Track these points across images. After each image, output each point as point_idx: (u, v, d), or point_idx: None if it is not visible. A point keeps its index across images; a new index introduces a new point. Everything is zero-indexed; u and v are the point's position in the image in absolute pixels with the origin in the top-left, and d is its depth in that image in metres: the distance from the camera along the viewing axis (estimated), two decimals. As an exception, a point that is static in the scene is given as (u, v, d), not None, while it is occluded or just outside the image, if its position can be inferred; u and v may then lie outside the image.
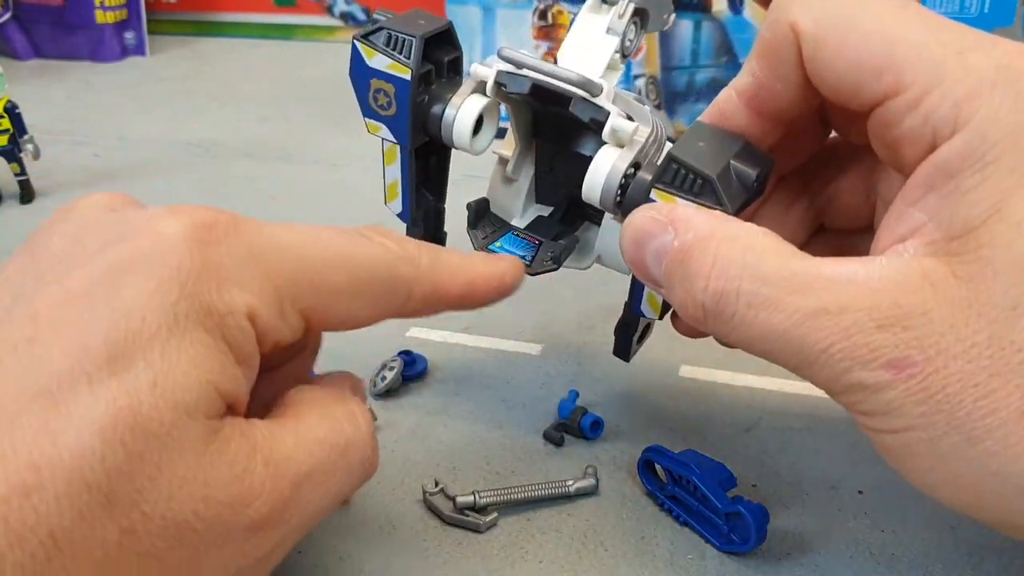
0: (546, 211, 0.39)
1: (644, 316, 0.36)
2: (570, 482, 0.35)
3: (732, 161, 0.30)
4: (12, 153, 0.61)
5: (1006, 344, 0.24)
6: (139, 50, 0.99)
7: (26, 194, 0.61)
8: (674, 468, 0.34)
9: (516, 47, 0.35)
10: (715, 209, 0.29)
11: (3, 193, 0.62)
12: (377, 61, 0.35)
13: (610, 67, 0.35)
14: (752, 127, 0.31)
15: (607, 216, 0.35)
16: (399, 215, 0.39)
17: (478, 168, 0.39)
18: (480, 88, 0.35)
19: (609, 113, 0.32)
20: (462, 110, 0.35)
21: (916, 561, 0.32)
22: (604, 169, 0.32)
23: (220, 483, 0.22)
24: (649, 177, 0.32)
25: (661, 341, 0.46)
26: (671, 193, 0.30)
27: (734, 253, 0.27)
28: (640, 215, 0.29)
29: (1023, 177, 0.24)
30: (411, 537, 0.33)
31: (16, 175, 0.61)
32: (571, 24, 0.36)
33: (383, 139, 0.37)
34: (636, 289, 0.36)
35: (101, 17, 0.95)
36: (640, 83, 0.69)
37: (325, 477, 0.25)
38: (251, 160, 0.70)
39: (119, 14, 0.97)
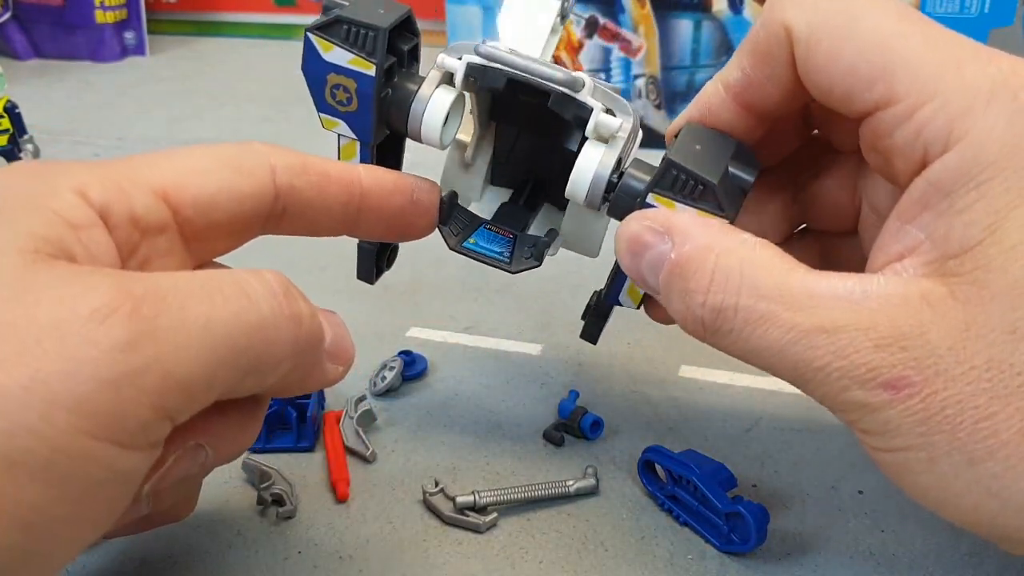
0: (503, 194, 0.38)
1: (621, 305, 0.36)
2: (570, 482, 0.35)
3: (729, 166, 0.30)
4: (12, 153, 0.61)
5: (1005, 367, 0.24)
6: (139, 50, 0.99)
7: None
8: (674, 468, 0.34)
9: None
10: (715, 214, 0.29)
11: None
12: (335, 55, 0.33)
13: (552, 31, 0.35)
14: (738, 122, 0.31)
15: (572, 201, 0.35)
16: None
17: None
18: (446, 79, 0.33)
19: (592, 109, 0.31)
20: (432, 104, 0.33)
21: (916, 561, 0.32)
22: (590, 170, 0.32)
23: (41, 285, 0.22)
24: (639, 185, 0.31)
25: (661, 341, 0.46)
26: (669, 198, 0.30)
27: (732, 267, 0.27)
28: (635, 225, 0.29)
29: (1017, 197, 0.24)
30: (411, 537, 0.33)
31: (16, 175, 0.61)
32: None
33: (340, 135, 0.34)
34: (617, 280, 0.35)
35: (101, 17, 0.95)
36: (640, 83, 0.69)
37: (204, 293, 0.23)
38: (251, 160, 0.70)
39: (119, 14, 0.97)
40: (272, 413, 0.37)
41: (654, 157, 0.40)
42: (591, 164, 0.32)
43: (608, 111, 0.32)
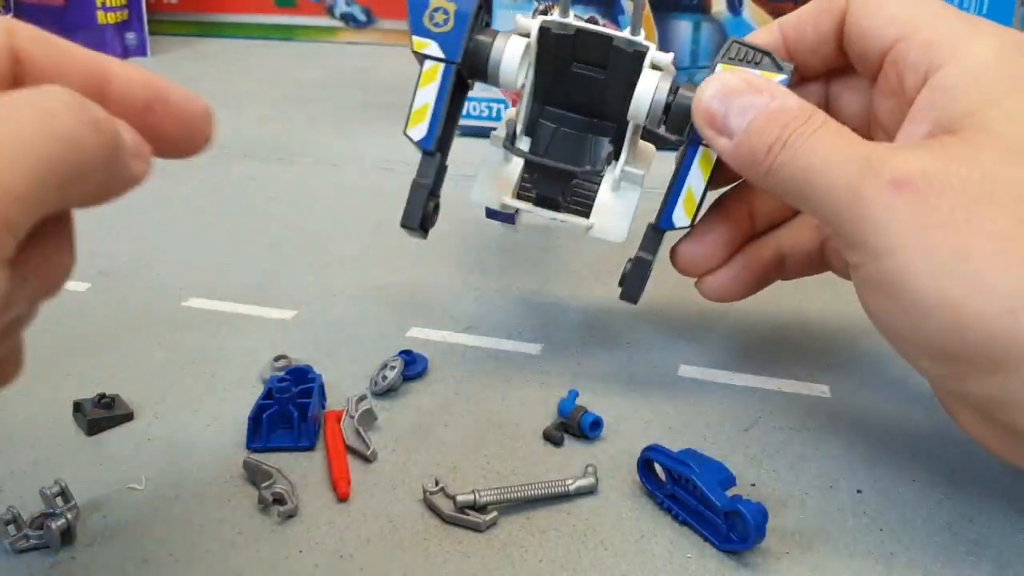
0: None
1: (673, 227, 0.39)
2: (570, 481, 0.35)
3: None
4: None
5: (998, 181, 0.29)
6: (140, 51, 1.00)
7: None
8: (673, 467, 0.34)
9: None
10: (776, 74, 0.37)
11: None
12: None
13: None
14: (774, 47, 0.39)
15: (601, 191, 0.41)
16: (419, 141, 0.39)
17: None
18: (523, 33, 0.39)
19: (648, 47, 0.38)
20: (511, 41, 0.39)
21: (914, 560, 0.32)
22: (652, 87, 0.38)
23: None
24: (690, 104, 0.37)
25: (660, 341, 0.46)
26: (735, 65, 0.37)
27: (820, 116, 0.33)
28: (735, 77, 0.35)
29: (1007, 91, 0.31)
30: (411, 536, 0.33)
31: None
32: None
33: (425, 58, 0.39)
34: (671, 199, 0.39)
35: (102, 18, 0.95)
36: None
37: (6, 112, 0.24)
38: (251, 160, 0.70)
39: (120, 15, 0.97)
40: (273, 412, 0.37)
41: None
42: (651, 86, 0.38)
43: None
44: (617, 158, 0.41)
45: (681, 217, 0.39)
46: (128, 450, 0.37)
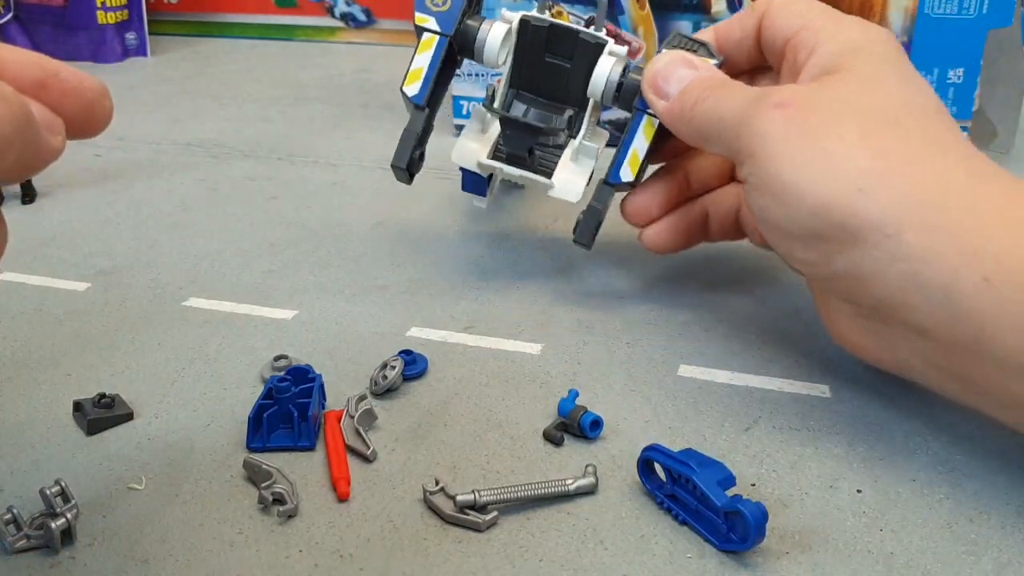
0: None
1: (620, 182, 0.47)
2: (570, 481, 0.35)
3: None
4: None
5: (856, 103, 0.38)
6: (141, 51, 1.00)
7: (27, 194, 0.61)
8: (673, 467, 0.34)
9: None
10: (711, 60, 0.45)
11: (4, 193, 0.62)
12: None
13: None
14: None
15: (562, 160, 0.49)
16: (413, 97, 0.48)
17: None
18: (506, 22, 0.48)
19: (608, 41, 0.48)
20: (495, 25, 0.48)
21: (914, 560, 0.32)
22: (608, 67, 0.47)
23: None
24: (639, 77, 0.46)
25: (660, 341, 0.46)
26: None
27: (736, 83, 0.43)
28: (676, 56, 0.45)
29: (869, 52, 0.40)
30: (411, 536, 0.33)
31: (17, 175, 0.61)
32: None
33: (425, 30, 0.47)
34: (619, 156, 0.47)
35: (102, 18, 0.96)
36: (640, 84, 0.70)
37: None
38: (251, 160, 0.70)
39: (120, 15, 0.97)
40: (273, 412, 0.37)
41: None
42: (608, 66, 0.47)
43: None
44: (576, 134, 0.49)
45: (627, 173, 0.47)
46: (128, 450, 0.37)
